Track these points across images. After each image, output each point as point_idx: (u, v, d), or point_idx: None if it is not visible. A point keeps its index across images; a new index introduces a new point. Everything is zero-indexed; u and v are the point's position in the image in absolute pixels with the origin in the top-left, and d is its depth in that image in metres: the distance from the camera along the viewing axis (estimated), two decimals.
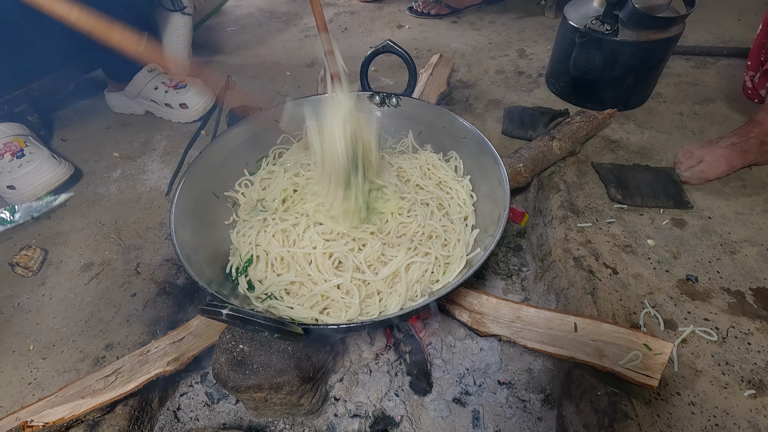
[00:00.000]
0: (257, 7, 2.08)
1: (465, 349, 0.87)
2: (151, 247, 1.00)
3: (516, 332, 0.78)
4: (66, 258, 0.99)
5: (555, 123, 1.16)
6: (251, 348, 0.67)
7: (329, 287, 0.73)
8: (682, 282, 0.86)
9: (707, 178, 1.03)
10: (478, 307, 0.82)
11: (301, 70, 1.61)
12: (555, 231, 0.98)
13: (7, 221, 0.61)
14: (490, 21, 1.86)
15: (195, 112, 1.32)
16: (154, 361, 0.73)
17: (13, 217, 0.61)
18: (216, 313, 0.52)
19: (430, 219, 0.85)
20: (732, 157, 1.03)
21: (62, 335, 0.85)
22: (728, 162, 1.03)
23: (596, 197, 1.03)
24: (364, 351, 0.85)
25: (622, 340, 0.72)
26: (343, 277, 0.74)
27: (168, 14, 1.39)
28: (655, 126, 1.24)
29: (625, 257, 0.90)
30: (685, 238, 0.94)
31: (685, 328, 0.78)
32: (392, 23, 1.89)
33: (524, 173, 1.04)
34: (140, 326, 0.85)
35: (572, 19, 1.22)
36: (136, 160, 1.24)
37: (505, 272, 1.01)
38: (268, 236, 0.81)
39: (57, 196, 0.62)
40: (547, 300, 0.93)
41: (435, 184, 0.93)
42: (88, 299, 0.90)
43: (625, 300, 0.83)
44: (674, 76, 1.44)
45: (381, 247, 0.78)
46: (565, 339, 0.74)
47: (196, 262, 0.72)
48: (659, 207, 1.00)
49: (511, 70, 1.54)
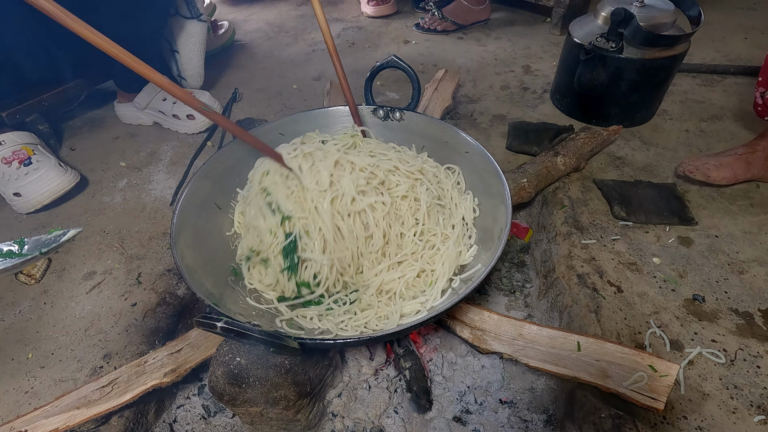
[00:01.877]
0: (266, 21, 2.12)
1: (466, 366, 0.85)
2: (154, 257, 1.00)
3: (518, 350, 0.76)
4: (69, 266, 0.99)
5: (560, 139, 1.16)
6: (248, 361, 0.66)
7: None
8: (688, 302, 0.84)
9: (709, 176, 1.02)
10: (480, 323, 0.80)
11: (307, 84, 1.62)
12: (559, 247, 0.97)
13: (15, 254, 0.61)
14: (496, 37, 1.88)
15: (202, 123, 1.34)
16: (150, 372, 0.72)
17: (22, 251, 0.62)
18: (211, 326, 0.52)
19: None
20: (736, 166, 1.03)
21: (61, 344, 0.84)
22: (732, 170, 1.03)
23: (601, 214, 1.02)
24: (364, 366, 0.84)
25: (627, 361, 0.70)
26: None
27: (184, 22, 1.42)
28: (661, 143, 1.23)
29: (630, 275, 0.89)
30: (691, 256, 0.92)
31: (691, 350, 0.76)
32: (399, 39, 1.91)
33: (528, 188, 1.04)
34: (139, 336, 0.84)
35: (577, 36, 1.22)
36: (142, 170, 1.26)
37: (508, 288, 1.00)
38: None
39: (67, 231, 0.62)
40: (551, 317, 0.91)
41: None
42: (89, 308, 0.90)
43: (630, 319, 0.82)
44: (680, 94, 1.43)
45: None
46: (568, 358, 0.73)
47: (195, 272, 0.72)
48: (664, 224, 0.99)
49: (516, 86, 1.55)
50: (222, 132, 1.35)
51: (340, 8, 2.22)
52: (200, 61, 1.47)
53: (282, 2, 2.31)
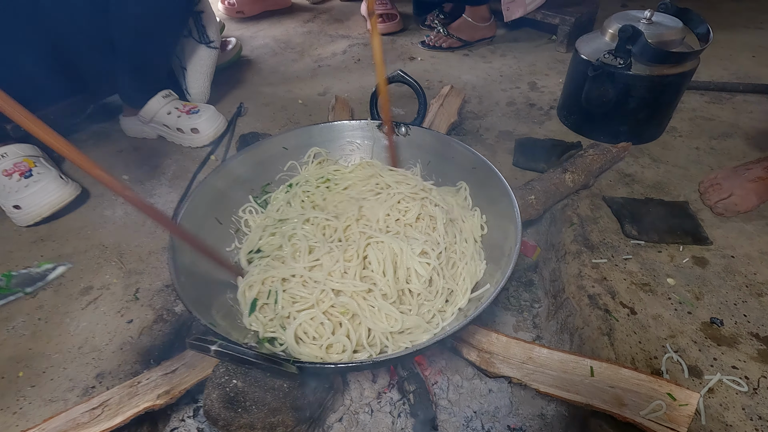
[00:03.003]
0: (273, 37, 2.14)
1: (473, 390, 0.82)
2: (152, 272, 0.98)
3: (527, 374, 0.73)
4: (66, 281, 0.97)
5: (567, 155, 1.14)
6: (245, 384, 0.64)
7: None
8: (706, 325, 0.80)
9: (740, 211, 1.01)
10: (488, 345, 0.77)
11: (313, 99, 1.62)
12: (568, 266, 0.94)
13: (1, 290, 0.59)
14: (501, 54, 1.88)
15: (206, 137, 1.33)
16: (143, 394, 0.69)
17: (8, 285, 0.59)
18: (204, 349, 0.49)
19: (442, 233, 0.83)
20: (762, 191, 1.01)
21: (53, 362, 0.82)
22: (758, 196, 1.01)
23: (611, 232, 0.99)
24: (366, 389, 0.80)
25: (644, 388, 0.67)
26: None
27: (195, 45, 1.44)
28: (671, 160, 1.21)
29: (644, 296, 0.86)
30: (707, 277, 0.89)
31: (711, 377, 0.72)
32: (404, 55, 1.92)
33: (536, 206, 1.01)
34: (134, 355, 0.82)
35: (584, 53, 1.22)
36: (144, 184, 1.24)
37: (516, 308, 0.97)
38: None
39: (56, 267, 0.61)
40: (561, 339, 0.88)
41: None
42: (84, 324, 0.88)
43: (644, 343, 0.78)
44: (689, 111, 1.42)
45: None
46: (580, 384, 0.69)
47: (190, 289, 0.69)
48: (677, 243, 0.96)
49: (522, 102, 1.54)
50: (226, 146, 1.34)
51: (347, 25, 2.24)
52: (206, 82, 1.50)
53: (289, 19, 2.33)
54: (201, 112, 1.32)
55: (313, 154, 1.03)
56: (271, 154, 1.00)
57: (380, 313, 0.72)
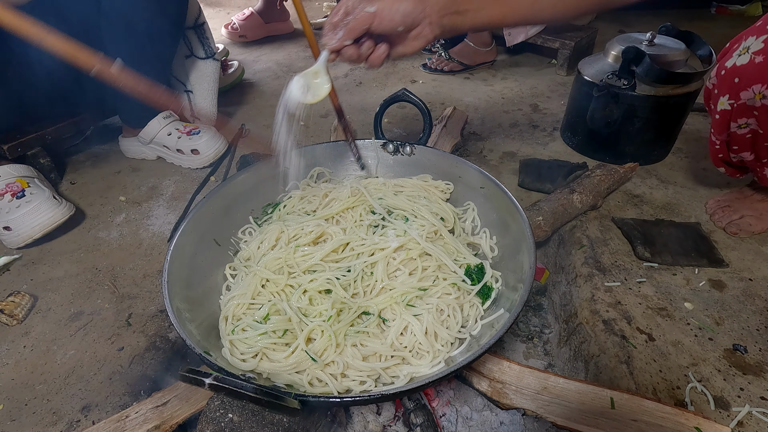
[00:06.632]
0: (275, 61, 2.15)
1: (483, 422, 0.77)
2: (147, 296, 0.94)
3: (542, 406, 0.68)
4: (55, 306, 0.93)
5: (574, 176, 1.12)
6: (242, 418, 0.59)
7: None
8: (729, 352, 0.76)
9: (754, 231, 0.99)
10: (499, 375, 0.73)
11: (315, 121, 1.61)
12: (580, 290, 0.90)
13: None
14: (503, 77, 1.89)
15: (206, 158, 1.31)
16: (132, 429, 0.64)
17: None
18: (199, 382, 0.45)
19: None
20: None
21: (37, 393, 0.77)
22: None
23: (623, 254, 0.96)
24: (370, 422, 0.75)
25: (669, 422, 0.62)
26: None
27: (198, 62, 1.45)
28: (679, 181, 1.19)
29: (661, 321, 0.82)
30: (726, 301, 0.85)
31: (739, 408, 0.68)
32: (406, 78, 1.93)
33: (544, 227, 0.98)
34: (123, 385, 0.77)
35: (587, 75, 1.21)
36: (141, 205, 1.22)
37: (525, 334, 0.93)
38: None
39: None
40: (575, 367, 0.83)
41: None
42: (72, 352, 0.83)
43: (666, 372, 0.74)
44: (694, 132, 1.41)
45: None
46: (600, 417, 0.65)
47: (185, 315, 0.65)
48: (692, 266, 0.92)
49: (525, 124, 1.53)
50: (226, 167, 1.32)
51: None
52: (213, 99, 1.50)
53: (291, 44, 2.36)
54: (202, 133, 1.31)
55: (316, 174, 1.01)
56: (273, 173, 0.97)
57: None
